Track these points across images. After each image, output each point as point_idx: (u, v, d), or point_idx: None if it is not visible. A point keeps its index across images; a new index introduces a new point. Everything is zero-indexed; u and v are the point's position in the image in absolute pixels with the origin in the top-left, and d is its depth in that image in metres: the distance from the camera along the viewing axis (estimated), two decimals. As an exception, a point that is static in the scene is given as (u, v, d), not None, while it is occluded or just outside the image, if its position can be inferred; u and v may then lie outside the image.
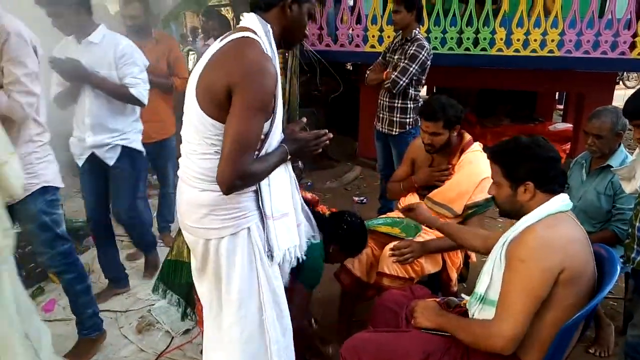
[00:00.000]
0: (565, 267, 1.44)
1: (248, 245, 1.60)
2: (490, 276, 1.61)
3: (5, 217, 1.75)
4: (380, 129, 3.79)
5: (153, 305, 2.89)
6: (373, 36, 5.34)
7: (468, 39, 5.13)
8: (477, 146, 2.54)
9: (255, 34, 1.50)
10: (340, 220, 2.23)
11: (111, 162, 2.74)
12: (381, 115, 3.77)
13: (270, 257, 1.64)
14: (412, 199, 2.64)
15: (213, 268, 1.64)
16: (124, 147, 2.76)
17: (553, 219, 1.53)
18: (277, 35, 1.57)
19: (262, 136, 1.51)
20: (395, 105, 3.64)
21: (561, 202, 1.56)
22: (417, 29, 3.60)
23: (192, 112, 1.51)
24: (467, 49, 5.16)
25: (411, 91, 3.60)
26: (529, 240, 1.49)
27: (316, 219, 1.98)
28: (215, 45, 1.53)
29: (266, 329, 1.66)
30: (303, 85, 5.12)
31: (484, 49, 5.12)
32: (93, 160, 2.74)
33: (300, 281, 1.96)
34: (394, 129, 3.69)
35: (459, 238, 2.09)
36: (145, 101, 2.71)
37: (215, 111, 1.45)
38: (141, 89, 2.67)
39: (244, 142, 1.42)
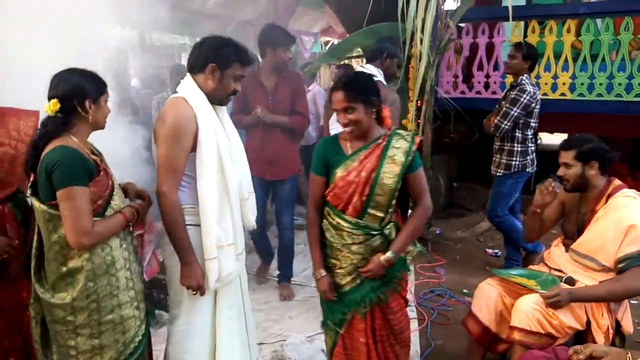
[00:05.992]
0: None
1: None
2: None
3: (241, 243, 2.07)
4: (492, 171, 3.87)
5: (285, 341, 3.03)
6: (511, 83, 5.18)
7: (619, 84, 4.74)
8: (630, 192, 2.29)
9: None
10: None
11: None
12: (493, 158, 3.87)
13: None
14: (556, 250, 2.49)
15: None
16: None
17: None
18: None
19: None
20: (504, 147, 3.73)
21: None
22: (527, 74, 3.67)
23: None
24: (618, 94, 4.76)
25: (518, 134, 3.66)
26: None
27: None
28: None
29: None
30: (434, 132, 5.11)
31: (638, 95, 4.68)
32: None
33: None
34: (499, 170, 3.76)
35: None
36: None
37: None
38: None
39: None
